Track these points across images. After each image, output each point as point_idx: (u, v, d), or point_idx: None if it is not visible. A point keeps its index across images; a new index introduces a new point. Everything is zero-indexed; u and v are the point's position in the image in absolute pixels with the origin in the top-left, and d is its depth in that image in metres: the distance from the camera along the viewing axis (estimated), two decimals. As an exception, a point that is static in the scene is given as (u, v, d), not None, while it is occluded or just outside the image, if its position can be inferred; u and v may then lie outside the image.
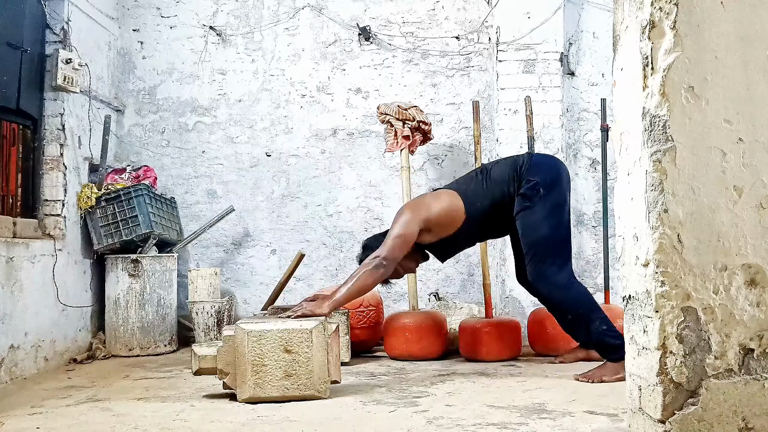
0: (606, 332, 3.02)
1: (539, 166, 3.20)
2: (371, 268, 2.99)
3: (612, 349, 2.98)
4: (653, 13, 1.67)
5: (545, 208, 3.11)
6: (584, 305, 3.07)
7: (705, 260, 1.64)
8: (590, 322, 3.04)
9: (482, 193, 3.21)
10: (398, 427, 2.27)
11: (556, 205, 3.14)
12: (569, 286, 3.09)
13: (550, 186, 3.14)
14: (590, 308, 3.07)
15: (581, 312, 3.06)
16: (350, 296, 3.00)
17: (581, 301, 3.08)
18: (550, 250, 3.09)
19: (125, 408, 2.66)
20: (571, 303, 3.08)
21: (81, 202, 4.10)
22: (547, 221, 3.11)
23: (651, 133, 1.68)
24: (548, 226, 3.11)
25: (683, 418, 1.62)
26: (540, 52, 4.43)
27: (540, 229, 3.10)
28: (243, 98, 4.80)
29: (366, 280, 2.98)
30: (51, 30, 3.94)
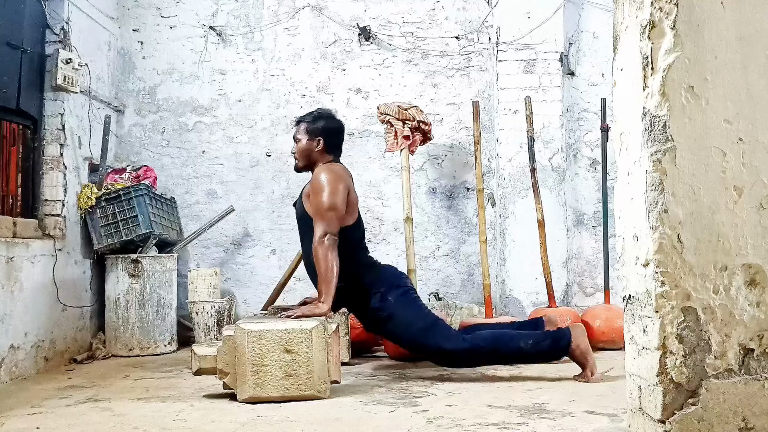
0: (535, 344, 3.01)
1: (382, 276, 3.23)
2: (327, 247, 2.97)
3: (553, 351, 3.00)
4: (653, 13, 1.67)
5: (404, 308, 3.13)
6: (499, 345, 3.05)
7: (705, 260, 1.64)
8: (517, 351, 3.03)
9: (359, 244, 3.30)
10: (398, 427, 2.27)
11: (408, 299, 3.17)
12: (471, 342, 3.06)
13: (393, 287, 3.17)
14: (503, 341, 3.06)
15: (503, 351, 3.05)
16: (332, 283, 2.97)
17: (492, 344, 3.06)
18: (428, 337, 3.07)
19: (125, 408, 2.66)
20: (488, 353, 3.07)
21: (81, 202, 4.10)
22: (414, 317, 3.11)
23: (651, 133, 1.68)
24: (417, 319, 3.11)
25: (683, 418, 1.62)
26: (540, 52, 4.43)
27: (410, 329, 3.10)
28: (243, 98, 4.80)
29: (332, 261, 2.97)
30: (51, 30, 3.94)
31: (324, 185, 3.08)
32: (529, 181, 4.22)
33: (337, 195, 3.07)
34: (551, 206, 4.28)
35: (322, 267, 2.97)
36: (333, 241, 3.01)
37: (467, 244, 4.63)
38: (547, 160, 4.38)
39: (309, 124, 3.28)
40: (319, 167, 3.19)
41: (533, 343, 3.01)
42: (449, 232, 4.65)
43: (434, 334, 3.07)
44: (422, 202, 4.66)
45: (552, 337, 3.02)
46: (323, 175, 3.12)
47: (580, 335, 2.98)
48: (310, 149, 3.25)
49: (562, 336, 3.00)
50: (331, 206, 3.05)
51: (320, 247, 2.99)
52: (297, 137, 3.31)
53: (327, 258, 2.97)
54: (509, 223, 4.37)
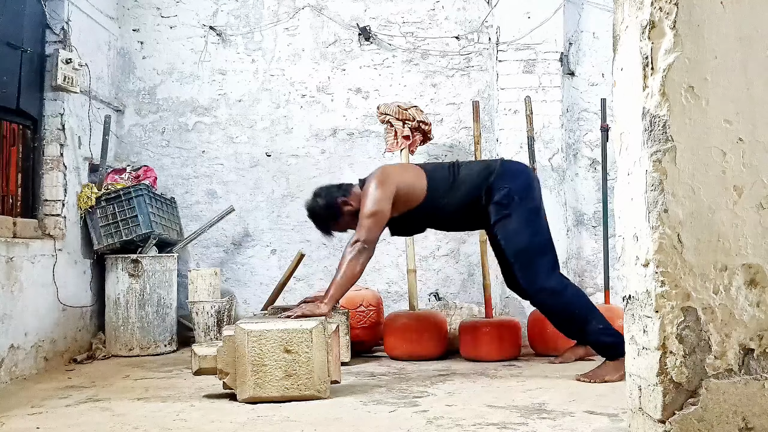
0: (602, 331, 3.02)
1: (509, 174, 3.19)
2: (355, 254, 2.98)
3: (610, 348, 2.98)
4: (653, 13, 1.67)
5: (522, 214, 3.11)
6: (580, 306, 3.07)
7: (705, 260, 1.64)
8: (586, 323, 3.04)
9: (447, 185, 3.20)
10: (398, 427, 2.27)
11: (532, 211, 3.14)
12: (563, 290, 3.07)
13: (523, 192, 3.14)
14: (586, 308, 3.06)
15: (577, 313, 3.06)
16: (344, 288, 2.99)
17: (576, 302, 3.07)
18: (536, 256, 3.08)
19: (125, 408, 2.66)
20: (566, 306, 3.07)
21: (81, 202, 4.10)
22: (527, 227, 3.11)
23: (651, 133, 1.68)
24: (529, 232, 3.10)
25: (683, 418, 1.62)
26: (540, 52, 4.43)
27: (522, 236, 3.10)
28: (243, 98, 4.80)
29: (354, 267, 2.97)
30: (51, 30, 3.94)
31: (368, 194, 3.10)
32: (529, 181, 4.21)
33: (380, 202, 3.07)
34: (551, 206, 4.26)
35: (343, 270, 2.97)
36: (363, 250, 3.00)
37: (467, 244, 4.62)
38: (547, 160, 4.38)
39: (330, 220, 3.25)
40: (368, 179, 3.21)
41: (602, 328, 3.01)
42: (449, 232, 4.65)
43: (534, 256, 3.06)
44: (422, 202, 4.66)
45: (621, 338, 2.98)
46: (370, 185, 3.14)
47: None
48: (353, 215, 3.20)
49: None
50: (372, 213, 3.05)
51: (349, 250, 2.99)
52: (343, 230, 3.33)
53: (350, 263, 2.97)
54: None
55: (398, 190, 3.14)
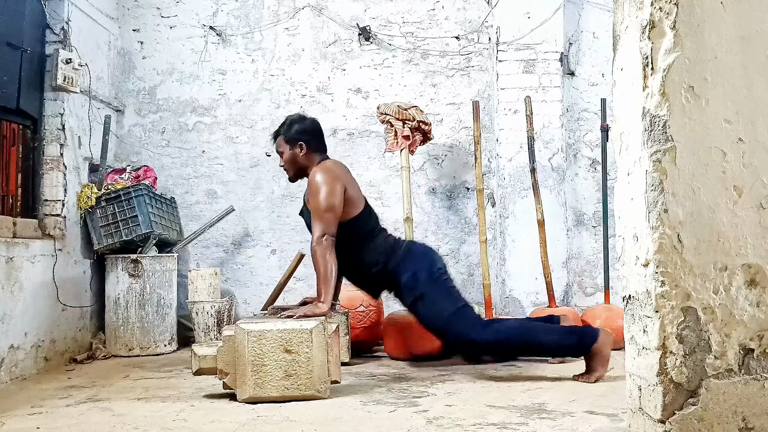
0: (558, 339, 3.04)
1: (410, 255, 3.23)
2: (324, 249, 2.98)
3: (577, 347, 3.01)
4: (653, 13, 1.67)
5: (433, 290, 3.14)
6: (523, 338, 3.07)
7: (705, 260, 1.64)
8: (540, 345, 3.07)
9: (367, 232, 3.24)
10: (398, 427, 2.27)
11: (439, 281, 3.18)
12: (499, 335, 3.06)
13: (428, 270, 3.17)
14: (529, 333, 3.08)
15: (527, 344, 3.08)
16: (329, 284, 2.98)
17: (517, 337, 3.07)
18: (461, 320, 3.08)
19: (125, 408, 2.66)
20: (511, 347, 3.11)
21: (81, 202, 4.10)
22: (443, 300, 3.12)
23: (651, 133, 1.68)
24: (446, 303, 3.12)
25: (683, 418, 1.62)
26: (540, 52, 4.43)
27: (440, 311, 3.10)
28: (243, 98, 4.80)
29: (327, 262, 2.97)
30: (51, 30, 3.94)
31: (320, 186, 3.08)
32: (529, 181, 4.22)
33: (334, 195, 3.08)
34: (551, 206, 4.28)
35: (321, 268, 2.97)
36: (331, 242, 3.02)
37: (467, 244, 4.63)
38: (547, 160, 4.38)
39: (285, 134, 3.29)
40: (313, 170, 3.19)
41: (558, 338, 3.03)
42: (449, 232, 4.65)
43: (460, 322, 3.06)
44: (422, 202, 4.66)
45: (579, 333, 3.02)
46: (318, 176, 3.12)
47: (606, 342, 2.97)
48: (294, 157, 3.27)
49: (588, 334, 2.99)
50: (329, 207, 3.05)
51: (318, 248, 2.99)
52: (279, 151, 3.33)
53: (325, 258, 2.98)
54: (509, 223, 4.37)
55: (345, 191, 3.15)
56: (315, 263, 3.00)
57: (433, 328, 3.16)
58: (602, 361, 2.95)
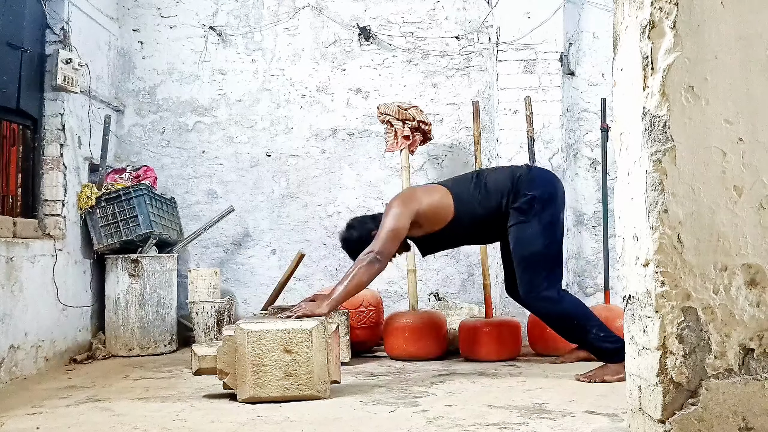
0: (603, 339, 3.03)
1: (537, 181, 3.19)
2: (366, 263, 2.98)
3: (611, 353, 2.99)
4: (653, 13, 1.67)
5: (540, 223, 3.11)
6: (578, 315, 3.09)
7: (705, 260, 1.64)
8: (586, 332, 3.07)
9: (475, 199, 3.19)
10: (398, 427, 2.27)
11: (550, 222, 3.14)
12: (559, 300, 3.10)
13: (547, 202, 3.14)
14: (583, 319, 3.08)
15: (576, 322, 3.09)
16: (348, 294, 3.00)
17: (574, 311, 3.09)
18: (540, 266, 3.09)
19: (125, 408, 2.66)
20: (563, 315, 3.10)
21: (81, 202, 4.10)
22: (541, 237, 3.11)
23: (651, 133, 1.68)
24: (542, 241, 3.11)
25: (683, 418, 1.62)
26: (540, 52, 4.42)
27: (533, 244, 3.10)
28: (243, 98, 4.80)
29: (362, 276, 2.97)
30: (51, 30, 3.94)
31: (389, 212, 3.11)
32: (529, 181, 4.21)
33: (399, 219, 3.08)
34: (551, 206, 4.27)
35: (351, 276, 2.96)
36: (375, 261, 2.99)
37: (467, 244, 4.62)
38: (547, 160, 4.38)
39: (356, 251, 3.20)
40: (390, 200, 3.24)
41: (603, 336, 3.03)
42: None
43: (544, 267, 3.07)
44: (422, 202, 4.66)
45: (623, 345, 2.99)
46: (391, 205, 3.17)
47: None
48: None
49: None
50: (390, 229, 3.06)
51: (363, 259, 2.98)
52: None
53: (361, 273, 2.96)
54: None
55: (422, 210, 3.14)
56: (351, 268, 2.99)
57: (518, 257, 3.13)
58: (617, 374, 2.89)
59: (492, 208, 3.18)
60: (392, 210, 3.12)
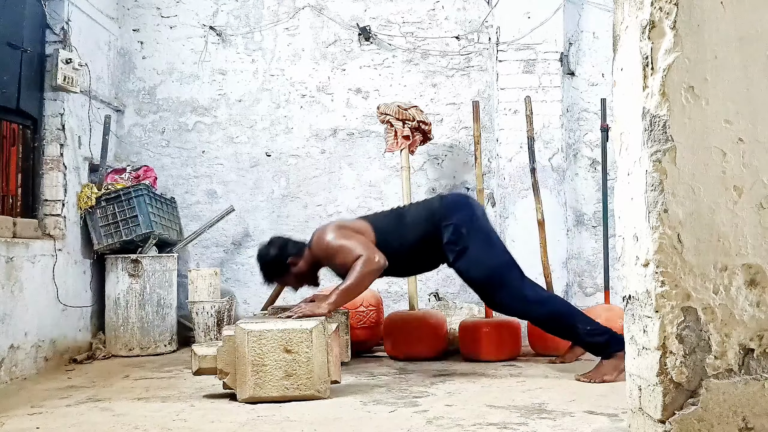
0: (591, 332, 3.03)
1: (451, 208, 3.21)
2: (373, 270, 2.99)
3: (602, 347, 3.00)
4: (653, 13, 1.67)
5: (476, 244, 3.12)
6: (562, 312, 3.09)
7: (705, 260, 1.64)
8: (573, 327, 3.06)
9: (395, 233, 3.21)
10: (398, 427, 2.27)
11: (484, 239, 3.16)
12: (541, 299, 3.10)
13: (469, 222, 3.16)
14: (568, 313, 3.09)
15: (562, 319, 3.08)
16: (348, 296, 3.00)
17: (557, 308, 3.10)
18: (504, 276, 3.09)
19: (125, 408, 2.66)
20: (549, 313, 3.10)
21: (81, 202, 4.10)
22: (485, 253, 3.13)
23: (651, 133, 1.68)
24: (488, 257, 3.12)
25: (683, 418, 1.62)
26: (540, 52, 4.43)
27: (484, 263, 3.11)
28: (243, 98, 4.80)
29: (363, 280, 2.97)
30: (51, 30, 3.94)
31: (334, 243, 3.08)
32: (529, 181, 4.22)
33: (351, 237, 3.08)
34: (551, 206, 4.28)
35: (353, 277, 2.95)
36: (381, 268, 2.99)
37: (467, 244, 4.62)
38: (547, 160, 4.38)
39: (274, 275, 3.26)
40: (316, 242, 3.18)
41: (591, 329, 3.03)
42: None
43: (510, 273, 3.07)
44: (422, 202, 4.66)
45: (611, 335, 3.01)
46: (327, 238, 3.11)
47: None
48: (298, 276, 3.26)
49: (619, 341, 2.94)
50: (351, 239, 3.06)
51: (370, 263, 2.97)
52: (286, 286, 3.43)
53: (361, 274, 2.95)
54: (509, 223, 4.37)
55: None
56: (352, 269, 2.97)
57: (481, 283, 3.13)
58: (616, 370, 2.91)
59: (414, 241, 3.19)
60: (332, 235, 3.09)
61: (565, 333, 3.15)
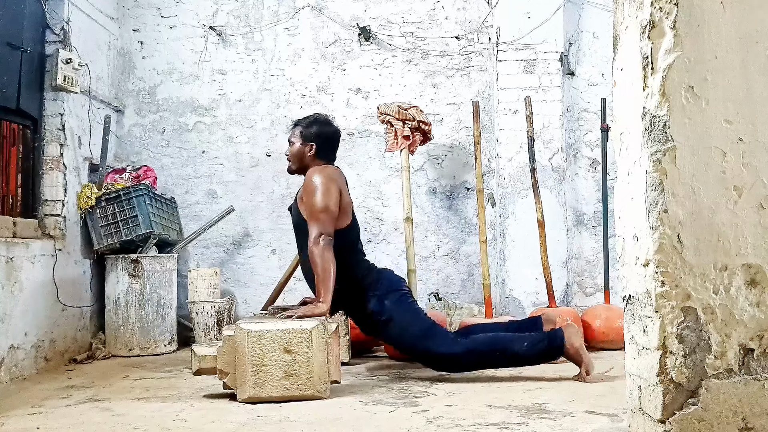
0: (531, 345, 3.02)
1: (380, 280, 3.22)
2: (323, 248, 2.97)
3: (551, 351, 3.02)
4: (653, 13, 1.67)
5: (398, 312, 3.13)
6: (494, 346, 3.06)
7: (705, 260, 1.64)
8: (514, 352, 3.04)
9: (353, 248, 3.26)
10: (398, 427, 2.27)
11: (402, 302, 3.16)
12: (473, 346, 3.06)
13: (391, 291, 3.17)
14: (501, 343, 3.06)
15: (499, 353, 3.05)
16: (328, 284, 2.96)
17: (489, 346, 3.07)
18: (430, 338, 3.08)
19: (125, 408, 2.66)
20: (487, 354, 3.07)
21: (81, 202, 4.10)
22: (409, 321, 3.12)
23: (651, 133, 1.68)
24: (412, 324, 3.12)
25: (683, 418, 1.62)
26: (540, 52, 4.43)
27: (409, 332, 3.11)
28: (243, 98, 4.80)
29: (325, 261, 2.96)
30: (51, 30, 3.94)
31: (316, 187, 3.08)
32: (529, 181, 4.22)
33: (330, 196, 3.07)
34: (551, 206, 4.28)
35: (318, 267, 2.96)
36: (328, 242, 3.00)
37: (467, 244, 4.63)
38: (547, 160, 4.38)
39: (304, 128, 3.31)
40: (312, 169, 3.19)
41: (529, 345, 3.02)
42: (449, 232, 4.65)
43: (431, 339, 3.08)
44: (422, 202, 4.66)
45: (548, 337, 3.03)
46: (315, 177, 3.12)
47: (573, 334, 3.00)
48: (302, 153, 3.28)
49: (555, 336, 3.01)
50: (325, 207, 3.05)
51: (316, 248, 2.98)
52: (291, 140, 3.34)
53: (323, 258, 2.97)
54: (509, 223, 4.37)
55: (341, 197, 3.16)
56: (313, 263, 2.99)
57: (404, 347, 3.19)
58: (578, 353, 2.97)
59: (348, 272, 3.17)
60: (321, 185, 3.08)
61: (512, 361, 3.10)
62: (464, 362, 3.10)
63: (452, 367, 3.15)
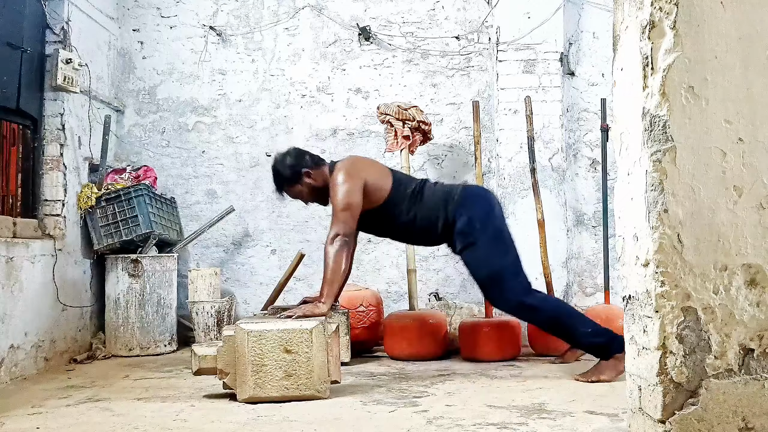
0: (591, 333, 3.04)
1: (469, 201, 3.20)
2: (337, 249, 2.99)
3: (603, 348, 3.01)
4: (653, 13, 1.67)
5: (486, 240, 3.12)
6: (561, 315, 3.09)
7: (705, 260, 1.64)
8: (572, 329, 3.07)
9: (409, 199, 3.22)
10: (398, 427, 2.27)
11: (494, 236, 3.15)
12: (540, 304, 3.10)
13: (484, 218, 3.16)
14: (568, 316, 3.09)
15: (561, 322, 3.08)
16: (335, 285, 2.99)
17: (557, 312, 3.10)
18: (507, 278, 3.10)
19: (125, 408, 2.66)
20: (548, 318, 3.10)
21: (81, 202, 4.10)
22: (493, 252, 3.13)
23: (651, 133, 1.68)
24: (496, 256, 3.12)
25: (683, 418, 1.62)
26: (540, 52, 4.43)
27: (489, 262, 3.12)
28: (243, 98, 4.80)
29: (339, 262, 2.98)
30: (51, 30, 3.94)
31: (338, 185, 3.10)
32: (529, 181, 4.22)
33: (352, 194, 3.08)
34: (551, 206, 4.28)
35: (328, 267, 2.97)
36: (344, 243, 3.01)
37: (467, 244, 4.62)
38: (547, 160, 4.38)
39: (286, 183, 3.27)
40: (336, 168, 3.19)
41: (591, 332, 3.03)
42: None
43: (510, 279, 3.08)
44: (422, 202, 4.66)
45: (610, 338, 3.01)
46: (338, 176, 3.13)
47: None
48: (310, 187, 3.27)
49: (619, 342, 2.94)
50: (346, 206, 3.06)
51: (330, 248, 3.00)
52: (296, 197, 3.35)
53: (335, 259, 2.97)
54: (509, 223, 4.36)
55: (366, 184, 3.16)
56: (325, 261, 3.00)
57: (481, 280, 3.16)
58: (615, 371, 2.93)
59: (420, 217, 3.20)
60: (341, 185, 3.09)
61: (565, 335, 3.15)
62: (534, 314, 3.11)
63: (517, 311, 3.15)
